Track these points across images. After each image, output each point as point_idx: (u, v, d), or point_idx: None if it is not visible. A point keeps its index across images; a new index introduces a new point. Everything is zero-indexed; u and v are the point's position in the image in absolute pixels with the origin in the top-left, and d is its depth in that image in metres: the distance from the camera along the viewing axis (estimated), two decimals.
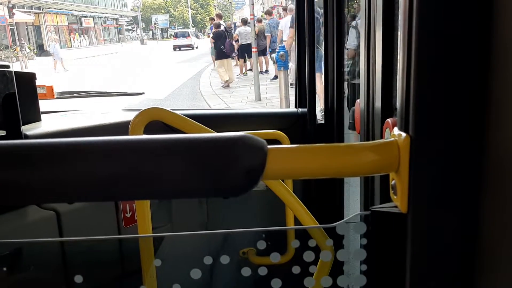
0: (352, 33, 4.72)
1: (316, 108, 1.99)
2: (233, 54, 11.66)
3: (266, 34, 11.64)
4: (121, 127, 1.74)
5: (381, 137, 1.12)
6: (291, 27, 8.76)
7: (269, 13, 12.27)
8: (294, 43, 6.79)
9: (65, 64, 20.12)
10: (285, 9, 11.16)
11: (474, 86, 0.48)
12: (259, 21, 12.23)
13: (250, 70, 12.38)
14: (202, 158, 0.46)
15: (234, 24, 13.21)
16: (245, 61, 12.68)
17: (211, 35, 11.90)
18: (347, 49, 4.87)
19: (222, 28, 11.56)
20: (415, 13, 0.48)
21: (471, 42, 0.48)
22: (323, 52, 1.88)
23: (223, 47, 11.28)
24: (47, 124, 1.77)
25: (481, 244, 0.51)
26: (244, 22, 12.26)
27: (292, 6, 9.48)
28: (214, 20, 12.36)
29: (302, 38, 2.00)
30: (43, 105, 1.90)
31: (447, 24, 0.47)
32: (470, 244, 0.52)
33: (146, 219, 1.40)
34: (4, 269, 1.23)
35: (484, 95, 0.48)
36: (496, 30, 0.46)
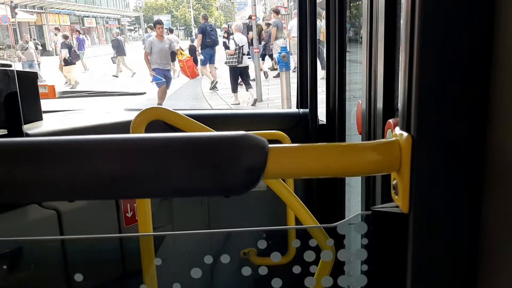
0: (231, 42, 9.45)
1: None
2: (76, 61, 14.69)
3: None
4: (122, 127, 1.75)
5: (383, 138, 1.12)
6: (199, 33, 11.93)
7: (171, 31, 15.54)
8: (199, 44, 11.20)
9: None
10: (276, 12, 12.65)
11: (476, 86, 0.48)
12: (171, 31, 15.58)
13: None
14: (203, 157, 0.46)
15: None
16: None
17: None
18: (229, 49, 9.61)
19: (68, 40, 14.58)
20: (417, 14, 0.48)
21: (473, 42, 0.48)
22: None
23: (69, 55, 14.19)
24: (49, 123, 1.77)
25: (483, 244, 0.51)
26: (171, 31, 15.58)
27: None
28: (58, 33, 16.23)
29: (304, 39, 2.00)
30: (45, 104, 1.90)
31: (449, 24, 0.47)
32: (472, 244, 0.51)
33: (147, 219, 1.40)
34: (5, 267, 1.23)
35: (486, 95, 0.48)
36: (498, 30, 0.46)
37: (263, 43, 12.15)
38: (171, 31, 16.21)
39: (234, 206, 2.04)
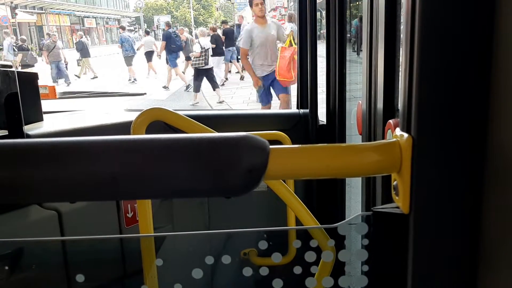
0: (197, 45, 9.90)
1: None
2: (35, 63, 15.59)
3: (118, 44, 15.47)
4: (123, 127, 1.75)
5: (383, 138, 1.12)
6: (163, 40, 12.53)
7: (147, 32, 16.85)
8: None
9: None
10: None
11: (476, 87, 0.48)
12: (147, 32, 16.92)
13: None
14: (204, 158, 0.46)
15: (238, 25, 14.01)
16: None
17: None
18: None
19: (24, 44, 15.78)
20: (417, 14, 0.48)
21: (474, 42, 0.48)
22: None
23: (26, 58, 15.05)
24: (49, 124, 1.77)
25: (484, 245, 0.51)
26: (147, 32, 17.02)
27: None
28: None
29: (304, 38, 2.00)
30: (46, 105, 1.90)
31: (450, 25, 0.47)
32: (472, 244, 0.52)
33: (148, 219, 1.40)
34: (6, 267, 1.23)
35: (486, 96, 0.48)
36: (498, 31, 0.46)
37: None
38: (147, 33, 16.75)
39: (234, 206, 2.04)
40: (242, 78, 13.12)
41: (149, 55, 15.32)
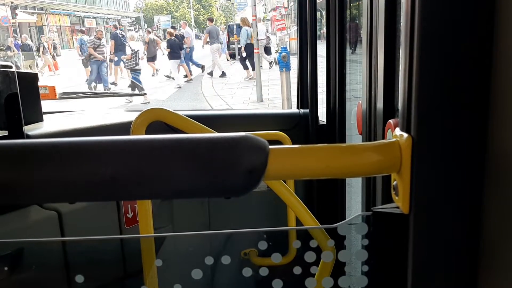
0: (128, 48, 11.32)
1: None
2: None
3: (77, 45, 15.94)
4: (123, 128, 1.75)
5: (383, 138, 1.12)
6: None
7: (82, 31, 17.71)
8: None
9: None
10: (210, 20, 14.99)
11: (476, 87, 0.48)
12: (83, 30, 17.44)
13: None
14: (204, 158, 0.46)
15: (238, 25, 14.29)
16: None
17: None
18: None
19: None
20: (417, 14, 0.48)
21: (474, 42, 0.48)
22: None
23: None
24: (49, 124, 1.77)
25: (484, 245, 0.51)
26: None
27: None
28: None
29: (304, 39, 2.00)
30: (46, 105, 1.90)
31: (449, 25, 0.47)
32: (473, 244, 0.51)
33: (148, 220, 1.40)
34: (6, 268, 1.23)
35: (486, 96, 0.48)
36: (498, 29, 0.46)
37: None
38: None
39: (234, 206, 2.04)
40: (190, 80, 13.97)
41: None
